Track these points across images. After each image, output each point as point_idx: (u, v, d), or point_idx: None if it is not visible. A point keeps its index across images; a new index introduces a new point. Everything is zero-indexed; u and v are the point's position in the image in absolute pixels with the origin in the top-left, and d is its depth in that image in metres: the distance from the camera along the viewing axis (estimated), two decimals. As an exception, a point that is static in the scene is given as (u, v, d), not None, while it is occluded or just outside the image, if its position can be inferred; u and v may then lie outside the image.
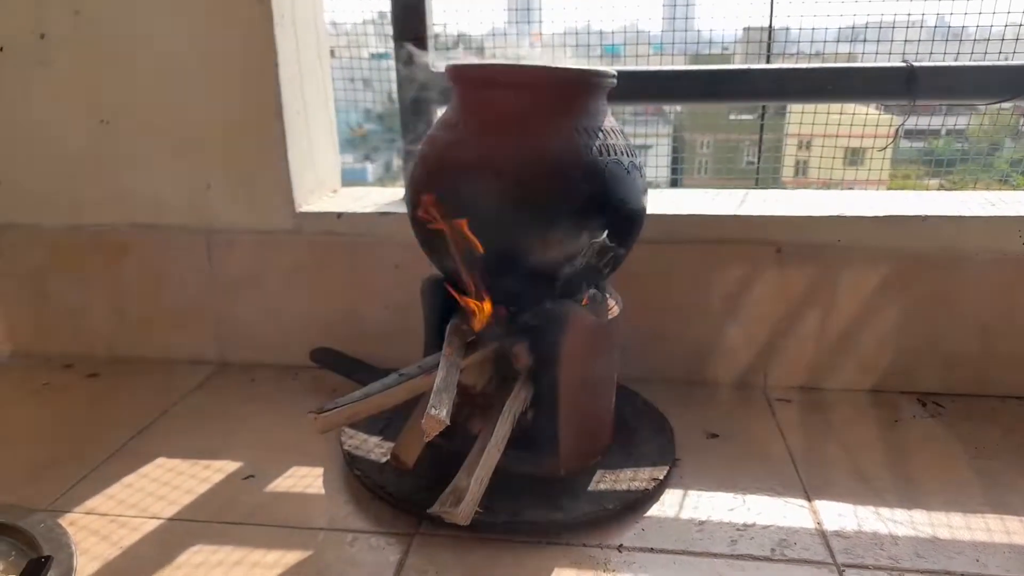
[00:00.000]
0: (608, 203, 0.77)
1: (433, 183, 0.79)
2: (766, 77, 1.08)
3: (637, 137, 1.51)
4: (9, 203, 1.18)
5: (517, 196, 0.74)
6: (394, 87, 1.25)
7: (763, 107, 1.40)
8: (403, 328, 1.10)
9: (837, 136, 1.44)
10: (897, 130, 1.12)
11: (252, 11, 1.04)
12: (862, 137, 1.46)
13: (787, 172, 1.90)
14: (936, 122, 1.37)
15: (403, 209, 1.12)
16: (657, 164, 1.45)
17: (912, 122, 1.19)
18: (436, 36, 1.15)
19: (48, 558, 0.66)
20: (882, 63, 1.08)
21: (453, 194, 0.76)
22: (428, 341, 0.88)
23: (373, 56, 1.63)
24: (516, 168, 0.74)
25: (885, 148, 1.15)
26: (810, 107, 1.22)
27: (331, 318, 1.15)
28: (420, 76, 1.12)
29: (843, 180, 1.56)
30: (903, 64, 1.04)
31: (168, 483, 0.86)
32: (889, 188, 1.73)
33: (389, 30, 1.17)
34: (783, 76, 1.08)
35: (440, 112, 1.15)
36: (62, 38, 1.10)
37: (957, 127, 1.39)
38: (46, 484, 0.85)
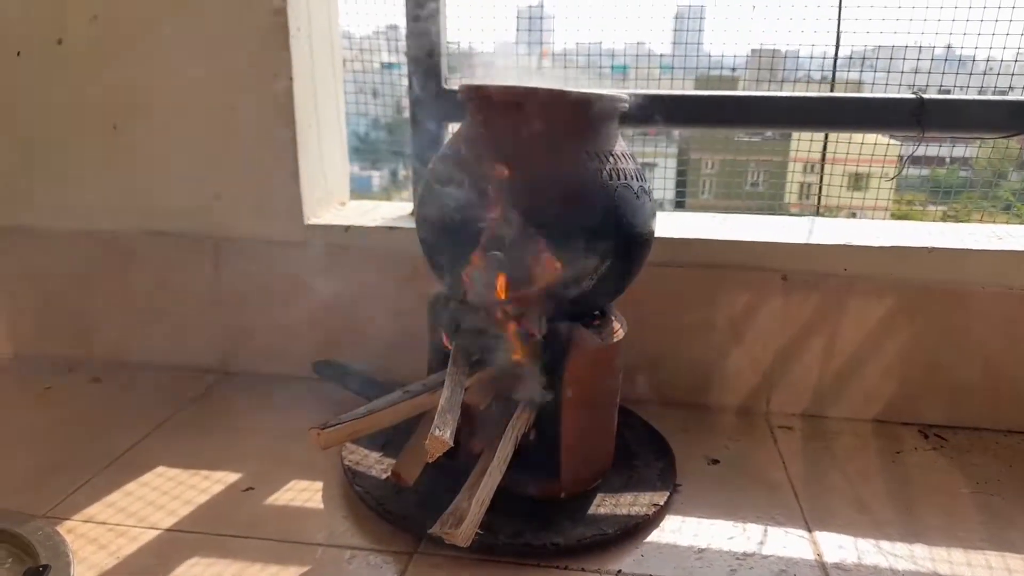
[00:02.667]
0: (617, 227, 0.77)
1: (443, 202, 0.79)
2: (774, 105, 1.09)
3: (643, 156, 1.51)
4: (18, 205, 1.19)
5: (527, 218, 0.75)
6: (403, 98, 1.26)
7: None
8: (406, 342, 1.10)
9: (845, 163, 1.45)
10: (904, 160, 1.12)
11: (268, 22, 1.04)
12: (870, 164, 1.47)
13: (791, 197, 1.91)
14: (942, 151, 1.37)
15: (410, 224, 1.13)
16: (665, 186, 1.45)
17: (918, 149, 1.20)
18: (448, 52, 1.16)
19: (46, 567, 0.66)
20: (891, 94, 1.08)
21: (463, 214, 0.76)
22: (432, 358, 0.88)
23: (384, 66, 1.65)
24: (527, 190, 0.75)
25: (893, 178, 1.15)
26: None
27: (335, 329, 1.15)
28: (432, 93, 1.13)
29: (848, 205, 1.57)
30: (913, 95, 1.04)
31: (167, 492, 0.85)
32: (892, 215, 1.75)
33: (398, 43, 1.18)
34: (791, 105, 1.08)
35: (451, 129, 1.17)
36: (79, 44, 1.11)
37: (963, 155, 1.39)
38: (45, 490, 0.85)
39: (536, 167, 0.76)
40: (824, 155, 1.33)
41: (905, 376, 1.04)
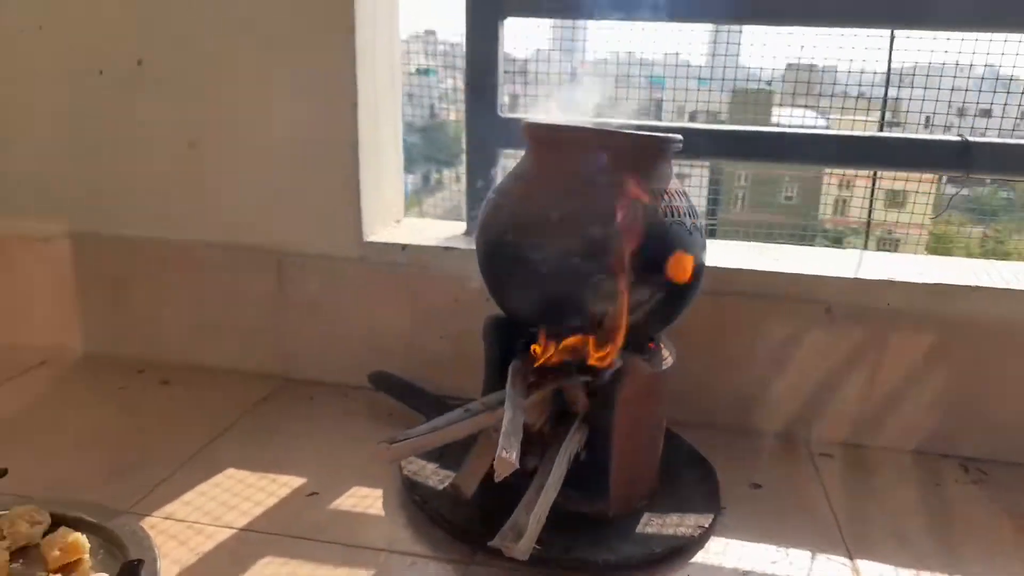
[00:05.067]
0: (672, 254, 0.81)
1: (507, 233, 0.84)
2: (822, 143, 1.12)
3: (677, 167, 1.54)
4: (96, 213, 1.26)
5: (587, 252, 0.79)
6: (435, 101, 1.29)
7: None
8: (459, 358, 1.16)
9: (881, 179, 1.45)
10: (948, 201, 1.15)
11: (337, 42, 1.10)
12: (906, 180, 1.48)
13: (827, 211, 1.91)
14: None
15: (465, 245, 1.18)
16: (700, 196, 1.48)
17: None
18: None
19: (140, 561, 0.71)
20: (937, 135, 1.11)
21: (526, 246, 0.81)
22: (488, 378, 0.93)
23: (419, 71, 1.70)
24: (587, 225, 0.79)
25: (935, 218, 1.18)
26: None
27: (390, 344, 1.21)
28: (489, 122, 1.18)
29: (884, 222, 1.57)
30: (958, 138, 1.07)
31: (238, 493, 0.91)
32: (932, 234, 1.72)
33: (436, 47, 1.22)
34: (839, 142, 1.12)
35: (505, 158, 1.22)
36: (158, 64, 1.18)
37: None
38: (127, 486, 0.91)
39: (597, 203, 0.80)
40: (875, 178, 1.35)
41: (946, 409, 1.06)
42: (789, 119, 1.47)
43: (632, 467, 0.88)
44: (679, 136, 0.85)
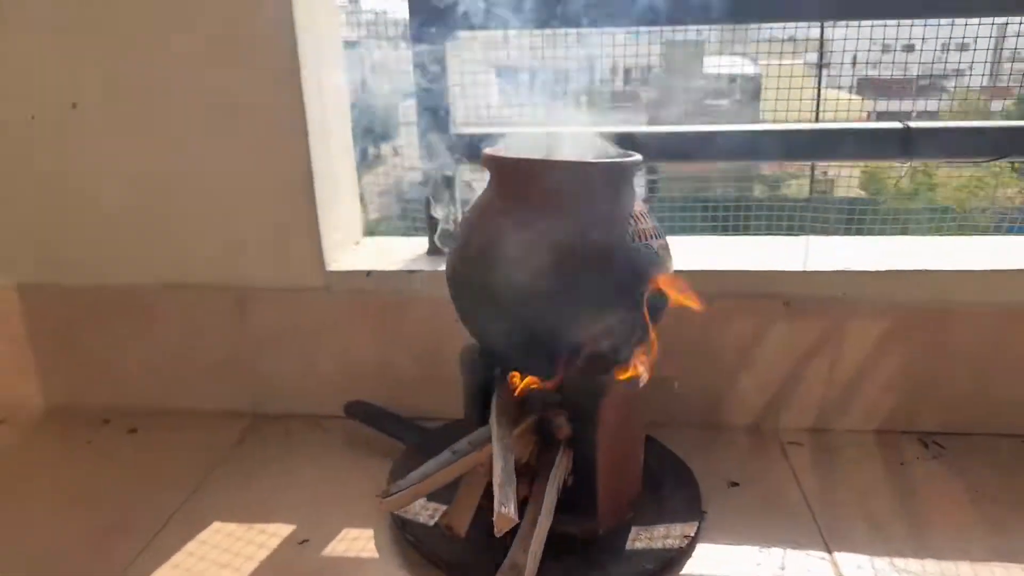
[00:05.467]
0: (641, 286, 0.83)
1: (472, 268, 0.84)
2: (766, 139, 1.14)
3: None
4: (38, 264, 1.22)
5: (557, 282, 0.80)
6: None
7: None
8: (433, 379, 1.16)
9: None
10: (899, 179, 1.20)
11: (282, 80, 1.07)
12: None
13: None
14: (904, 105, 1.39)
15: (429, 266, 1.18)
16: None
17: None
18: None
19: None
20: (879, 123, 1.15)
21: (497, 278, 0.81)
22: (468, 410, 0.94)
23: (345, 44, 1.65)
24: (558, 255, 0.80)
25: (896, 183, 1.22)
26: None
27: (362, 370, 1.20)
28: (443, 139, 1.17)
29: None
30: (899, 125, 1.11)
31: (228, 549, 0.91)
32: (864, 172, 1.66)
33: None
34: (783, 138, 1.14)
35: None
36: (93, 105, 1.13)
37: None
38: (112, 554, 0.90)
39: (565, 232, 0.81)
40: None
41: (903, 389, 1.12)
42: (718, 68, 1.49)
43: (617, 483, 0.91)
44: (638, 157, 0.86)
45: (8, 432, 1.21)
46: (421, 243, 1.27)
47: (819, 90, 1.24)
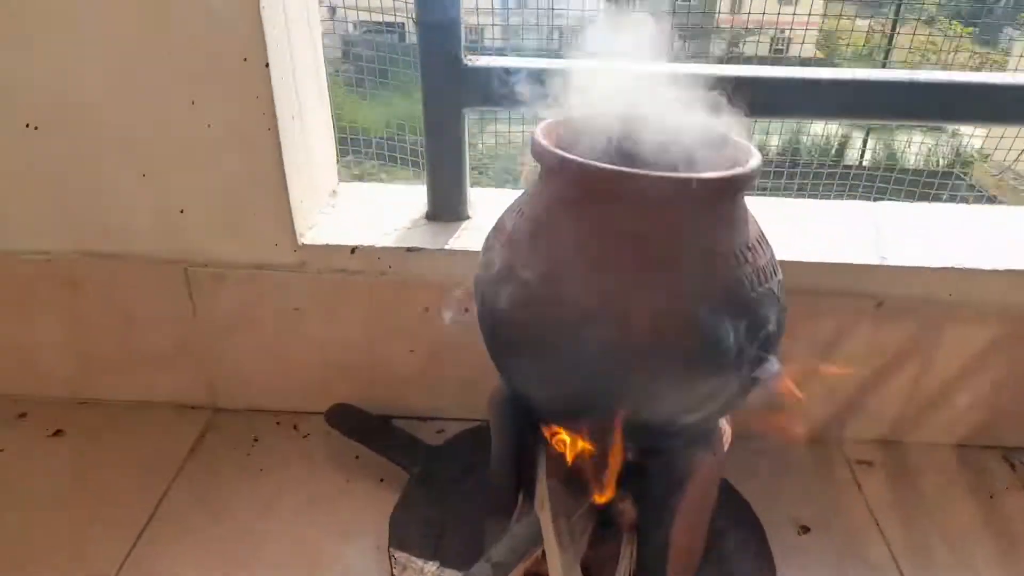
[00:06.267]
0: (766, 342, 0.60)
1: (516, 307, 0.60)
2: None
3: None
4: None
5: (656, 341, 0.57)
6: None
7: None
8: (432, 374, 0.97)
9: None
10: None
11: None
12: None
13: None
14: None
15: (431, 241, 0.92)
16: None
17: None
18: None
19: None
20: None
21: (569, 331, 0.58)
22: (498, 466, 0.73)
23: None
24: (651, 316, 0.56)
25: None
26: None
27: (346, 360, 0.98)
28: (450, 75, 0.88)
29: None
30: None
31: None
32: (821, 30, 1.82)
33: None
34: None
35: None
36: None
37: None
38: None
39: (660, 279, 0.57)
40: None
41: (993, 404, 0.95)
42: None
43: (687, 558, 0.73)
44: (759, 159, 0.60)
45: None
46: (415, 194, 1.01)
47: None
